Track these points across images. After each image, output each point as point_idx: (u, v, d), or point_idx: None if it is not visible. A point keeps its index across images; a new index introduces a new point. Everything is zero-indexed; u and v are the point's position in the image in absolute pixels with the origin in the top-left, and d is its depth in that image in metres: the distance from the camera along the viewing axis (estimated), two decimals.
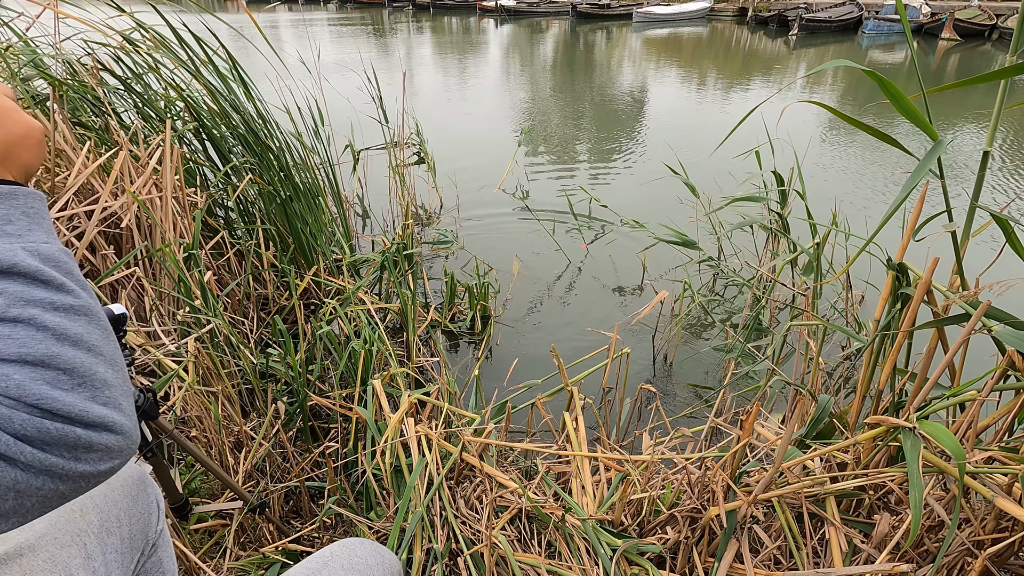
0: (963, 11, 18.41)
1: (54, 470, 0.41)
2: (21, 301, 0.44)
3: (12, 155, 0.50)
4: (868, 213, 4.22)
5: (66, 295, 0.46)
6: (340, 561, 0.85)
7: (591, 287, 3.46)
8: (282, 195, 2.58)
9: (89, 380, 0.45)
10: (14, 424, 0.40)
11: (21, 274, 0.45)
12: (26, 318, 0.43)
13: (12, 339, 0.42)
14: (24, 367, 0.42)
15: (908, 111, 1.09)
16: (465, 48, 17.07)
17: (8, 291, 0.44)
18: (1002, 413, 1.20)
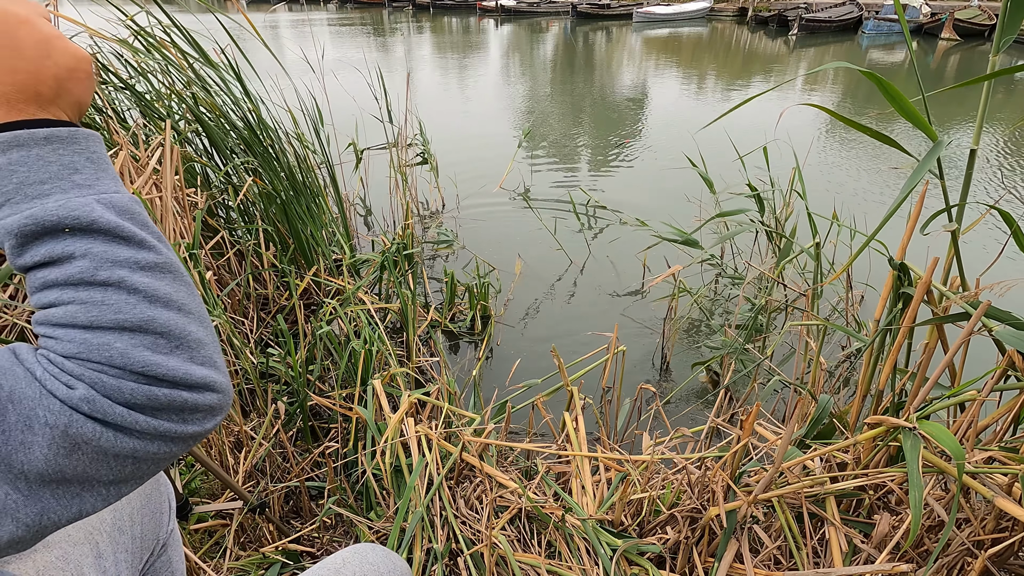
0: (963, 11, 18.41)
1: (167, 434, 0.41)
2: (108, 263, 0.41)
3: (64, 91, 0.44)
4: (868, 213, 4.22)
5: (148, 252, 0.44)
6: (352, 568, 0.83)
7: (592, 287, 3.46)
8: (283, 195, 2.58)
9: (185, 341, 0.43)
10: (124, 394, 0.40)
11: (101, 231, 0.42)
12: (115, 281, 0.41)
13: (106, 305, 0.40)
14: (123, 334, 0.40)
15: (907, 112, 1.09)
16: (465, 48, 17.07)
17: (92, 252, 0.41)
18: (1002, 413, 1.20)
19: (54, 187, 0.42)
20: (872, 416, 1.09)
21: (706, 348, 2.80)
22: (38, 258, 0.41)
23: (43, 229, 0.41)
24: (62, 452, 0.37)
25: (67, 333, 0.40)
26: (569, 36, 21.00)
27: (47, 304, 0.41)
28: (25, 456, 0.36)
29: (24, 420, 0.37)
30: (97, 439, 0.38)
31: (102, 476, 0.40)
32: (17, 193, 0.41)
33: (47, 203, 0.41)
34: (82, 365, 0.39)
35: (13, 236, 0.41)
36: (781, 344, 2.74)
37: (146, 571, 0.93)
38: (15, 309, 1.71)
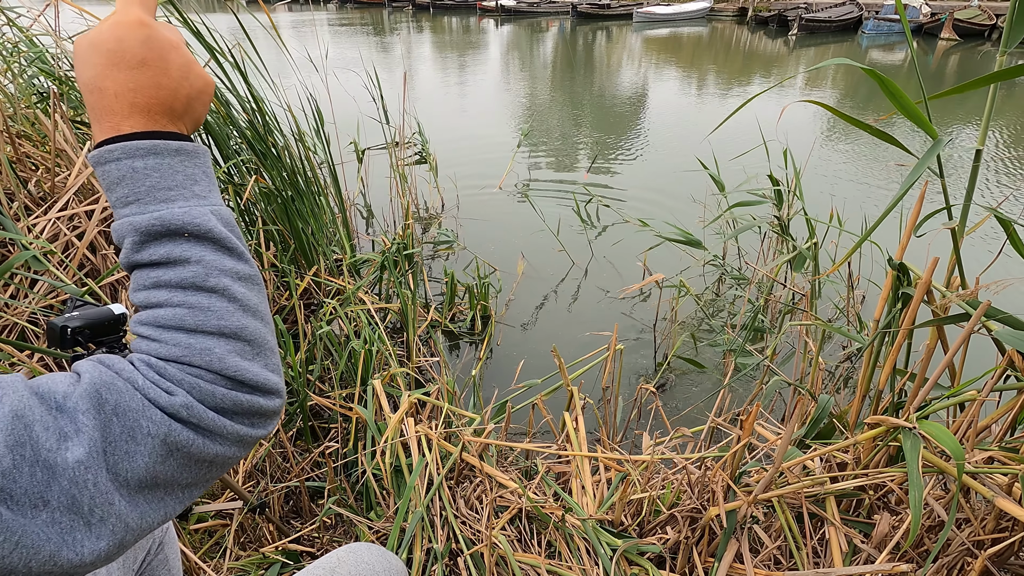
0: (963, 11, 18.41)
1: (243, 438, 0.44)
2: (216, 271, 0.45)
3: (191, 109, 0.50)
4: (869, 213, 4.22)
5: (245, 264, 0.48)
6: (347, 567, 0.84)
7: (593, 288, 3.46)
8: (284, 195, 2.58)
9: (264, 349, 0.47)
10: (216, 399, 0.42)
11: (214, 240, 0.46)
12: (221, 288, 0.45)
13: (211, 311, 0.44)
14: (221, 340, 0.44)
15: (908, 110, 1.09)
16: (465, 48, 17.07)
17: (205, 259, 0.45)
18: (1002, 413, 1.20)
19: (179, 194, 0.46)
20: (872, 416, 1.09)
21: (709, 347, 2.81)
22: (155, 257, 0.45)
23: (167, 231, 0.45)
24: (159, 459, 0.40)
25: (173, 336, 0.43)
26: (564, 32, 21.00)
27: (155, 304, 0.44)
28: (129, 465, 0.38)
29: (128, 431, 0.39)
30: (190, 445, 0.41)
31: (185, 480, 0.42)
32: (147, 195, 0.45)
33: (172, 208, 0.45)
34: (182, 370, 0.42)
35: (138, 233, 0.45)
36: (782, 344, 2.74)
37: (143, 570, 0.93)
38: (15, 309, 1.71)
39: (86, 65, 0.46)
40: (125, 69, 0.45)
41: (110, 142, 0.45)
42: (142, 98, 0.46)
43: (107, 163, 0.45)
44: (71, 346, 0.80)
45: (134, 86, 0.45)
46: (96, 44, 0.45)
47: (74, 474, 0.36)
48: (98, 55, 0.45)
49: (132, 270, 0.47)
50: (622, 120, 7.90)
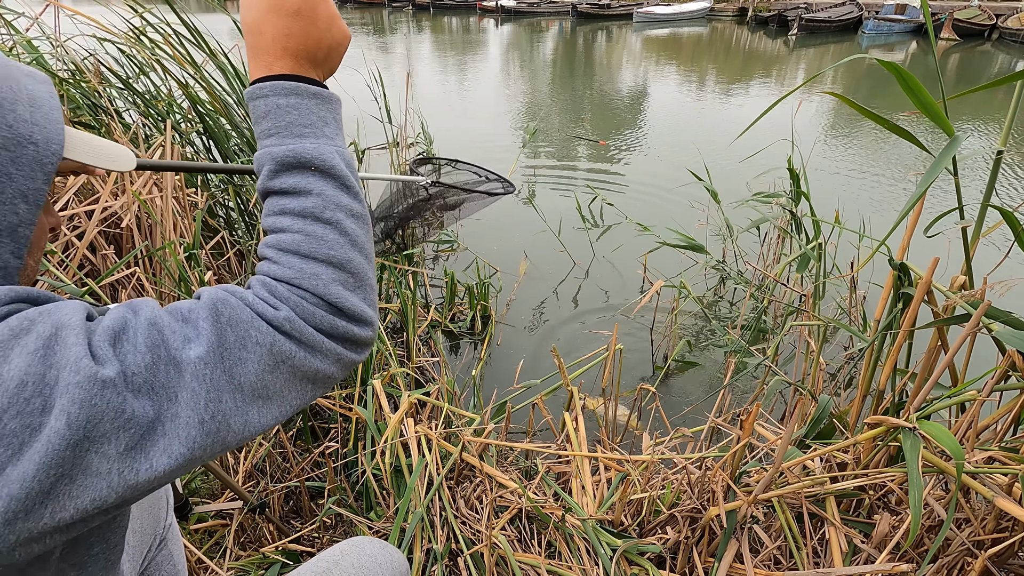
0: (963, 11, 18.40)
1: (341, 359, 0.49)
2: (333, 205, 0.51)
3: (329, 59, 0.56)
4: (868, 213, 4.22)
5: (359, 203, 0.53)
6: (351, 560, 0.85)
7: (594, 288, 3.46)
8: None
9: (365, 283, 0.52)
10: (316, 319, 0.47)
11: (335, 176, 0.52)
12: (335, 221, 0.50)
13: (323, 240, 0.49)
14: (329, 268, 0.49)
15: (926, 106, 1.08)
16: (465, 48, 17.07)
17: (325, 192, 0.51)
18: (1002, 413, 1.20)
19: (311, 132, 0.52)
20: (872, 416, 1.09)
21: (712, 346, 2.80)
22: (284, 186, 0.51)
23: (297, 162, 0.51)
24: (267, 368, 0.45)
25: (288, 259, 0.49)
26: (564, 32, 21.00)
27: (279, 228, 0.50)
28: (242, 370, 0.44)
29: (240, 340, 0.44)
30: (293, 357, 0.46)
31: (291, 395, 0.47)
32: (285, 130, 0.52)
33: (304, 143, 0.51)
34: (291, 290, 0.47)
35: (274, 162, 0.51)
36: (783, 345, 2.74)
37: (147, 566, 0.93)
38: None
39: (251, 9, 0.52)
40: (283, 16, 0.51)
41: (262, 81, 0.52)
42: (293, 43, 0.52)
43: (257, 99, 0.52)
44: None
45: (288, 32, 0.52)
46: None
47: (195, 369, 0.42)
48: (261, 1, 0.52)
49: (265, 196, 0.53)
50: (622, 120, 7.90)
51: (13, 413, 0.37)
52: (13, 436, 0.36)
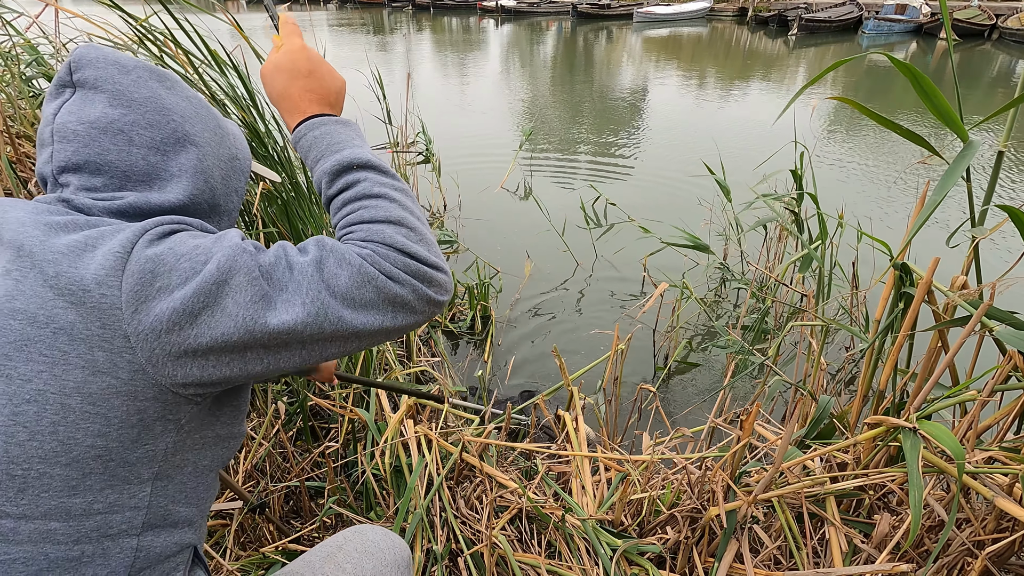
0: (962, 11, 18.40)
1: (417, 290, 0.60)
2: (378, 183, 0.66)
3: (339, 100, 0.76)
4: (867, 212, 4.22)
5: (399, 182, 0.68)
6: (354, 544, 0.89)
7: (595, 289, 3.46)
8: (284, 195, 2.58)
9: (424, 238, 0.64)
10: (391, 258, 0.60)
11: (372, 167, 0.68)
12: (383, 194, 0.65)
13: (378, 208, 0.64)
14: (390, 225, 0.62)
15: (939, 109, 1.08)
16: (465, 48, 17.07)
17: (369, 178, 0.67)
18: (1003, 414, 1.20)
19: (345, 145, 0.69)
20: (872, 416, 1.09)
21: (714, 347, 2.80)
22: (339, 186, 0.67)
23: (344, 167, 0.67)
24: (356, 283, 0.58)
25: (358, 227, 0.63)
26: (564, 32, 21.01)
27: (345, 214, 0.65)
28: (336, 282, 0.57)
29: (336, 259, 0.58)
30: (376, 279, 0.59)
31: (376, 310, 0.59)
32: (327, 150, 0.69)
33: (343, 153, 0.68)
34: (366, 244, 0.61)
35: (327, 175, 0.67)
36: (784, 345, 2.74)
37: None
38: None
39: (275, 82, 0.73)
40: (300, 78, 0.72)
41: (298, 126, 0.71)
42: (312, 95, 0.72)
43: (300, 139, 0.71)
44: None
45: (307, 88, 0.72)
46: (279, 66, 0.73)
47: (301, 269, 0.57)
48: (281, 73, 0.72)
49: (329, 205, 0.68)
50: (623, 119, 7.89)
51: (187, 260, 0.55)
52: (184, 272, 0.54)
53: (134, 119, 0.63)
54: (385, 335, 0.61)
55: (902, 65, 1.08)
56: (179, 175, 0.65)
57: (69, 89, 0.63)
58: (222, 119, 0.74)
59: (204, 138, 0.68)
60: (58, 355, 0.52)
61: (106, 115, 0.62)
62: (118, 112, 0.62)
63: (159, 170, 0.64)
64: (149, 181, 0.64)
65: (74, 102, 0.62)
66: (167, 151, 0.64)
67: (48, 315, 0.52)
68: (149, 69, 0.66)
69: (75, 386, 0.52)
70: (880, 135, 6.71)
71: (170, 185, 0.64)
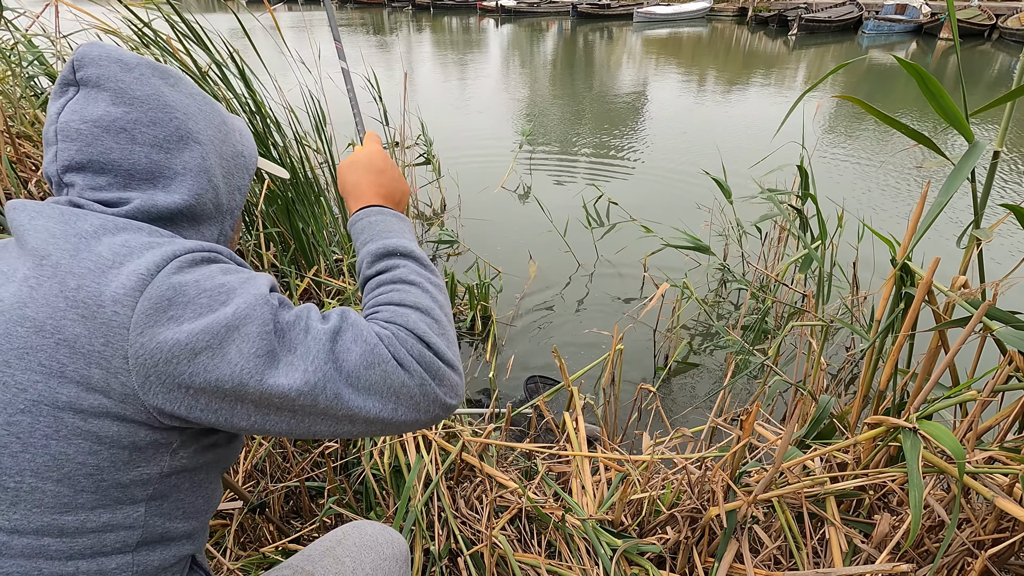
0: (962, 11, 18.40)
1: (426, 386, 0.60)
2: (415, 273, 0.69)
3: (401, 202, 0.83)
4: (868, 211, 4.22)
5: (436, 277, 0.72)
6: (353, 539, 0.90)
7: (596, 289, 3.46)
8: (285, 196, 2.58)
9: (447, 333, 0.66)
10: (408, 345, 0.60)
11: (416, 258, 0.72)
12: (418, 283, 0.68)
13: (410, 293, 0.66)
14: (415, 311, 0.64)
15: (944, 109, 1.07)
16: (465, 48, 17.07)
17: (408, 266, 0.70)
18: (1004, 414, 1.20)
19: (395, 234, 0.74)
20: (872, 416, 1.09)
21: (714, 348, 2.80)
22: (379, 268, 0.71)
23: (387, 252, 0.71)
24: (365, 363, 0.57)
25: (386, 307, 0.65)
26: (564, 32, 21.01)
27: (377, 295, 0.68)
28: (346, 356, 0.57)
29: (354, 335, 0.58)
30: (386, 363, 0.58)
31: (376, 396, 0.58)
32: (377, 235, 0.74)
33: (391, 239, 0.73)
34: (389, 325, 0.62)
35: (371, 255, 0.72)
36: (785, 345, 2.74)
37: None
38: None
39: (350, 173, 0.81)
40: (373, 172, 0.81)
41: (359, 211, 0.77)
42: (380, 189, 0.80)
43: (358, 221, 0.77)
44: None
45: (376, 182, 0.80)
46: (356, 160, 0.82)
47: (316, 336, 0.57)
48: (357, 166, 0.81)
49: (365, 284, 0.71)
50: (623, 120, 7.89)
51: (207, 296, 0.55)
52: (200, 308, 0.54)
53: (136, 117, 0.62)
54: (380, 427, 0.60)
55: (908, 65, 1.08)
56: (183, 173, 0.64)
57: (73, 88, 0.63)
58: (227, 115, 0.73)
59: (208, 135, 0.68)
60: (56, 367, 0.51)
61: (109, 113, 0.61)
62: (120, 110, 0.62)
63: (163, 168, 0.63)
64: (153, 180, 0.63)
65: (77, 101, 0.62)
66: (170, 149, 0.64)
67: (56, 325, 0.51)
68: (152, 66, 0.65)
69: (68, 401, 0.52)
70: (880, 136, 6.70)
71: (174, 184, 0.64)
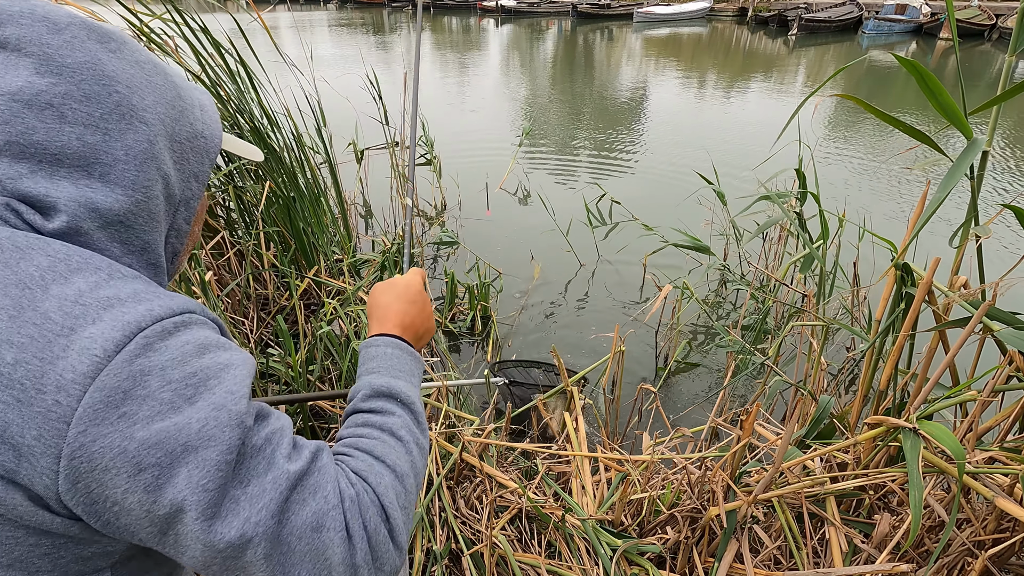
0: (962, 11, 18.40)
1: (361, 568, 0.51)
2: (407, 429, 0.63)
3: (423, 338, 0.79)
4: (868, 209, 4.22)
5: (425, 439, 0.66)
6: None
7: (596, 289, 3.46)
8: (284, 196, 2.58)
9: (410, 507, 0.58)
10: (367, 514, 0.53)
11: (413, 412, 0.66)
12: (405, 440, 0.61)
13: (394, 450, 0.59)
14: (391, 474, 0.57)
15: (944, 107, 1.08)
16: (466, 48, 17.07)
17: (404, 418, 0.64)
18: (1004, 414, 1.20)
19: (403, 376, 0.69)
20: (872, 416, 1.09)
21: (714, 347, 2.80)
22: (374, 406, 0.64)
23: (389, 393, 0.65)
24: (312, 524, 0.49)
25: (364, 456, 0.58)
26: (563, 32, 21.02)
27: (360, 435, 0.61)
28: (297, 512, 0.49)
29: (314, 487, 0.51)
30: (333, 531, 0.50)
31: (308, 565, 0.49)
32: (386, 369, 0.68)
33: (399, 382, 0.67)
34: (359, 481, 0.55)
35: (371, 389, 0.65)
36: (785, 346, 2.74)
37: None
38: None
39: (383, 294, 0.77)
40: (405, 302, 0.77)
41: (378, 336, 0.73)
42: (406, 320, 0.75)
43: (372, 347, 0.71)
44: None
45: (404, 312, 0.76)
46: (393, 285, 0.78)
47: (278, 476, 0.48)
48: (392, 291, 0.78)
49: (353, 413, 0.64)
50: (623, 119, 7.89)
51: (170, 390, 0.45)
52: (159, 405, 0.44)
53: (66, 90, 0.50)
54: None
55: (907, 62, 1.08)
56: (125, 160, 0.52)
57: None
58: (185, 87, 0.60)
59: (157, 113, 0.56)
60: None
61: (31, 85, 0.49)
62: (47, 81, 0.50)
63: (99, 153, 0.51)
64: (87, 167, 0.51)
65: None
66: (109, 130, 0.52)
67: None
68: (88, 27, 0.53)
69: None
70: (879, 135, 6.70)
71: (114, 173, 0.52)
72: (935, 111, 1.09)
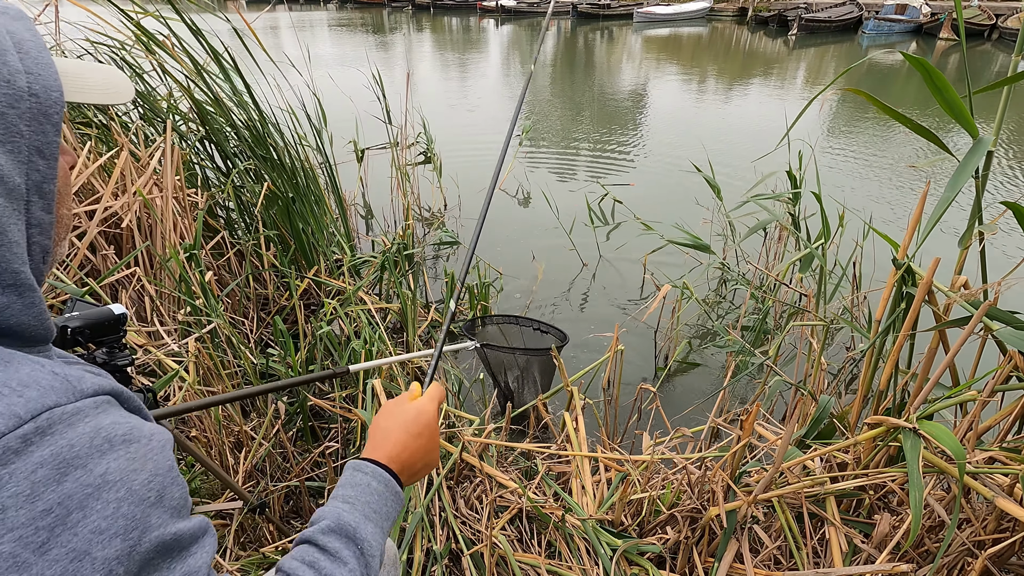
0: (963, 11, 18.36)
1: None
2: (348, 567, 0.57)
3: (417, 475, 0.71)
4: (867, 208, 4.21)
5: None
6: None
7: (596, 289, 3.45)
8: (284, 196, 2.58)
9: None
10: None
11: (369, 566, 0.60)
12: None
13: None
14: None
15: (950, 104, 1.08)
16: (466, 48, 17.07)
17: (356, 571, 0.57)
18: (1005, 414, 1.20)
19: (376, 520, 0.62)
20: (872, 416, 1.09)
21: (714, 347, 2.80)
22: (330, 546, 0.57)
23: (352, 536, 0.59)
24: None
25: None
26: (562, 32, 21.02)
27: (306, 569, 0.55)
28: None
29: None
30: None
31: None
32: (362, 506, 0.62)
33: (368, 527, 0.61)
34: None
35: (337, 522, 0.59)
36: (785, 346, 2.74)
37: None
38: None
39: (389, 419, 0.71)
40: (408, 435, 0.69)
41: (370, 461, 0.66)
42: (403, 454, 0.68)
43: (358, 471, 0.65)
44: (72, 346, 0.80)
45: (404, 444, 0.69)
46: (404, 412, 0.71)
47: None
48: (400, 417, 0.71)
49: (303, 543, 0.58)
50: (623, 119, 7.89)
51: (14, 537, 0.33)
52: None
53: None
54: None
55: (914, 59, 1.08)
56: None
57: None
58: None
59: None
60: None
61: None
62: None
63: None
64: None
65: None
66: None
67: None
68: None
69: None
70: (879, 135, 6.70)
71: None
72: (935, 111, 1.10)
